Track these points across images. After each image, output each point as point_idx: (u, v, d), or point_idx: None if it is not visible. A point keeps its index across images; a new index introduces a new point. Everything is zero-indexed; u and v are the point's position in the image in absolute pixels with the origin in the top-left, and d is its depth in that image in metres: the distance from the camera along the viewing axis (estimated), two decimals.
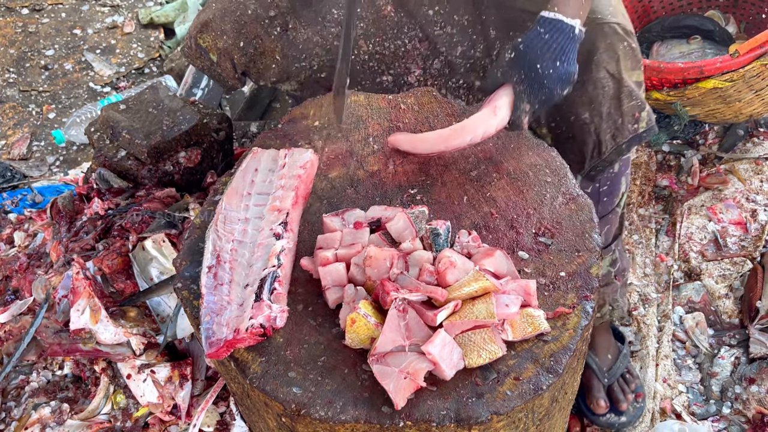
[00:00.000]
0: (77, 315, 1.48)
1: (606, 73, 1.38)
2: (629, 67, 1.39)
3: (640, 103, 1.40)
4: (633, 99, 1.39)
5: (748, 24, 2.33)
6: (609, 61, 1.37)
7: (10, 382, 1.60)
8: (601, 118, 1.39)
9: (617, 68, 1.38)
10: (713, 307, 1.91)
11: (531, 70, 1.24)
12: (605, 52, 1.37)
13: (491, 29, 1.50)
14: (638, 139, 1.42)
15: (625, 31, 1.39)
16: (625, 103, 1.39)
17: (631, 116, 1.39)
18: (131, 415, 1.51)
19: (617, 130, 1.40)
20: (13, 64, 3.02)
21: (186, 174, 1.79)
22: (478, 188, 1.31)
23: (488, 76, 1.33)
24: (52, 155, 2.63)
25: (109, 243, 1.61)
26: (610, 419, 1.70)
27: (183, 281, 1.19)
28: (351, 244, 1.17)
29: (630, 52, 1.39)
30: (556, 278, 1.15)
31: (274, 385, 1.03)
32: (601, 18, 1.38)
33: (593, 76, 1.38)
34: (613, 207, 1.61)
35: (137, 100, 1.87)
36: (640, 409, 1.72)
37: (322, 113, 1.49)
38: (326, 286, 1.14)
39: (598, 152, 1.42)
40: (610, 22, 1.38)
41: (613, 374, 1.72)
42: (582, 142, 1.42)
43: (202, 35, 1.61)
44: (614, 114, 1.39)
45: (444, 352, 1.01)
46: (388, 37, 1.58)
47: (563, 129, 1.45)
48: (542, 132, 1.48)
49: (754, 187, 2.13)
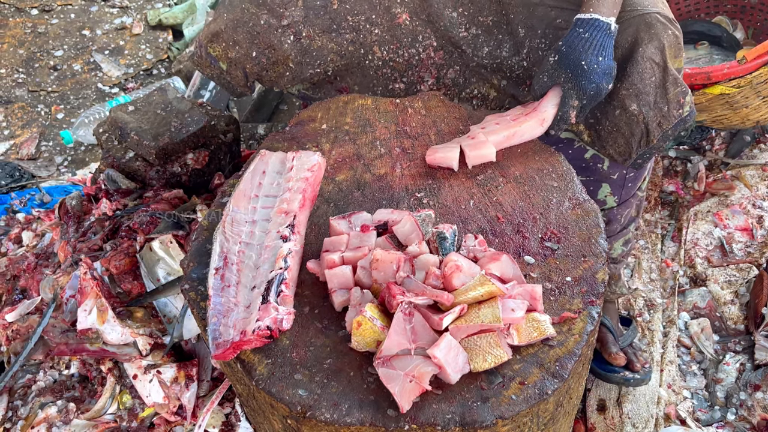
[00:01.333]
0: (84, 315, 1.48)
1: (652, 63, 1.39)
2: (673, 54, 1.41)
3: (684, 89, 1.42)
4: (678, 86, 1.41)
5: (756, 30, 2.33)
6: (654, 50, 1.39)
7: (17, 381, 1.61)
8: (650, 107, 1.41)
9: (662, 57, 1.39)
10: (719, 313, 1.91)
11: (577, 67, 1.33)
12: (650, 42, 1.39)
13: (519, 28, 1.51)
14: (683, 123, 1.44)
15: (668, 19, 1.41)
16: (671, 90, 1.40)
17: (677, 102, 1.41)
18: (137, 415, 1.51)
19: (663, 117, 1.42)
20: (23, 64, 3.03)
21: (193, 175, 1.80)
22: (484, 192, 1.32)
23: (535, 83, 1.39)
24: (61, 155, 2.64)
25: (117, 243, 1.62)
26: (625, 375, 1.72)
27: (190, 282, 1.19)
28: (358, 247, 1.17)
29: (674, 39, 1.41)
30: (562, 283, 1.16)
31: (279, 386, 1.04)
32: (642, 9, 1.40)
33: (639, 68, 1.40)
34: (635, 191, 1.63)
35: (145, 101, 1.88)
36: (649, 371, 1.74)
37: (329, 116, 1.50)
38: (332, 289, 1.14)
39: (646, 141, 1.44)
40: (651, 12, 1.40)
41: (625, 339, 1.77)
42: (630, 133, 1.44)
43: (212, 45, 1.61)
44: (660, 102, 1.41)
45: (449, 356, 1.01)
46: (402, 45, 1.59)
47: (605, 124, 1.47)
48: (579, 129, 1.51)
49: (760, 193, 2.13)
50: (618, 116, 1.43)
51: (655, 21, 1.39)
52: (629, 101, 1.41)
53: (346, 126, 1.47)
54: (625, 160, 1.47)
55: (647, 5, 1.41)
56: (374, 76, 1.62)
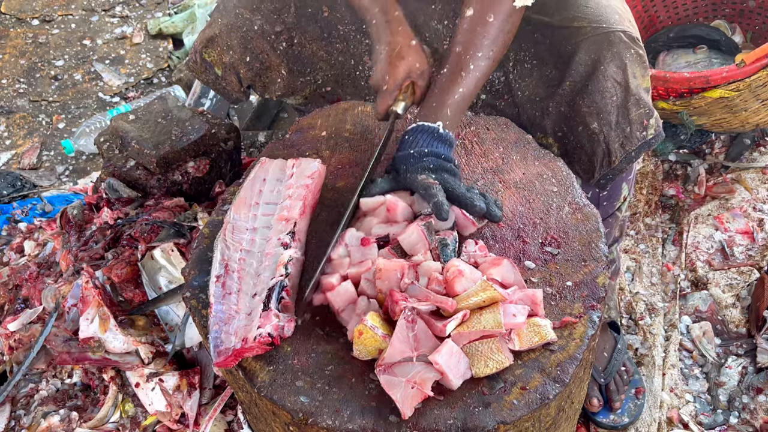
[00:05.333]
0: (86, 324, 1.49)
1: (613, 82, 1.37)
2: (637, 74, 1.39)
3: (648, 110, 1.40)
4: (641, 107, 1.39)
5: (755, 34, 2.34)
6: (616, 70, 1.37)
7: (20, 391, 1.61)
8: (611, 127, 1.39)
9: (624, 76, 1.38)
10: (720, 317, 1.91)
11: (405, 162, 1.25)
12: (612, 61, 1.37)
13: None
14: (647, 146, 1.42)
15: (631, 38, 1.39)
16: (633, 111, 1.38)
17: (640, 124, 1.39)
18: (140, 423, 1.52)
19: (626, 139, 1.40)
20: (24, 74, 3.04)
21: (194, 183, 1.80)
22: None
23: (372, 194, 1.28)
24: (62, 165, 2.65)
25: (118, 252, 1.62)
26: (613, 420, 1.70)
27: (192, 290, 1.20)
28: (360, 262, 1.16)
29: (637, 59, 1.39)
30: (563, 288, 1.16)
31: (281, 393, 1.04)
32: (607, 26, 1.38)
33: (600, 86, 1.38)
34: (613, 211, 1.61)
35: (146, 110, 1.88)
36: (640, 406, 1.72)
37: (329, 123, 1.50)
38: (340, 309, 1.13)
39: (608, 161, 1.42)
40: (616, 30, 1.38)
41: (609, 373, 1.72)
42: (591, 152, 1.42)
43: (207, 50, 1.62)
44: (622, 123, 1.39)
45: (451, 362, 1.01)
46: None
47: (571, 139, 1.45)
48: (548, 142, 1.48)
49: (760, 196, 2.13)
50: (581, 132, 1.42)
51: (618, 40, 1.38)
52: (590, 119, 1.40)
53: (346, 133, 1.48)
54: (590, 178, 1.46)
55: (612, 23, 1.40)
56: (365, 86, 1.62)
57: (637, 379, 1.76)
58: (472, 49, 1.29)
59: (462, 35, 1.30)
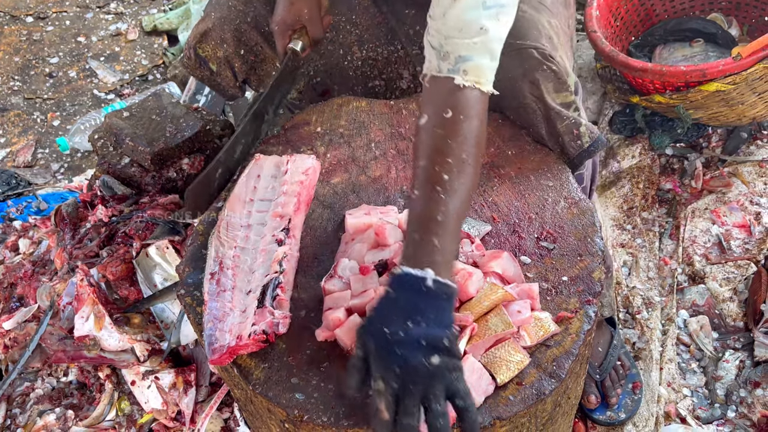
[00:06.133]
0: (81, 322, 1.48)
1: (532, 97, 1.37)
2: (551, 89, 1.37)
3: (574, 120, 1.38)
4: (564, 119, 1.37)
5: (751, 27, 2.33)
6: (530, 85, 1.36)
7: (15, 389, 1.60)
8: (544, 139, 1.40)
9: (539, 93, 1.36)
10: (717, 311, 1.91)
11: (380, 338, 0.96)
12: (524, 79, 1.35)
13: None
14: (587, 154, 1.40)
15: (543, 54, 1.36)
16: (558, 124, 1.37)
17: (570, 134, 1.38)
18: (135, 421, 1.51)
19: (563, 149, 1.40)
20: (18, 71, 3.03)
21: (189, 180, 1.80)
22: (480, 193, 1.31)
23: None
24: (57, 162, 2.64)
25: (113, 250, 1.62)
26: (609, 416, 1.70)
27: (186, 288, 1.19)
28: (363, 292, 1.10)
29: (551, 75, 1.36)
30: (559, 282, 1.15)
31: (276, 391, 1.04)
32: (521, 43, 1.35)
33: (522, 102, 1.37)
34: None
35: (141, 107, 1.87)
36: (637, 402, 1.71)
37: (324, 119, 1.50)
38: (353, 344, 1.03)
39: None
40: (528, 47, 1.35)
41: (605, 369, 1.71)
42: None
43: (201, 45, 1.62)
44: (553, 134, 1.39)
45: (473, 379, 0.99)
46: (381, 43, 1.60)
47: None
48: None
49: (758, 189, 2.12)
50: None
51: (530, 57, 1.35)
52: (524, 131, 1.41)
53: (341, 129, 1.47)
54: None
55: (528, 39, 1.36)
56: (353, 76, 1.63)
57: (635, 373, 1.76)
58: (438, 156, 1.05)
59: (421, 147, 1.09)
